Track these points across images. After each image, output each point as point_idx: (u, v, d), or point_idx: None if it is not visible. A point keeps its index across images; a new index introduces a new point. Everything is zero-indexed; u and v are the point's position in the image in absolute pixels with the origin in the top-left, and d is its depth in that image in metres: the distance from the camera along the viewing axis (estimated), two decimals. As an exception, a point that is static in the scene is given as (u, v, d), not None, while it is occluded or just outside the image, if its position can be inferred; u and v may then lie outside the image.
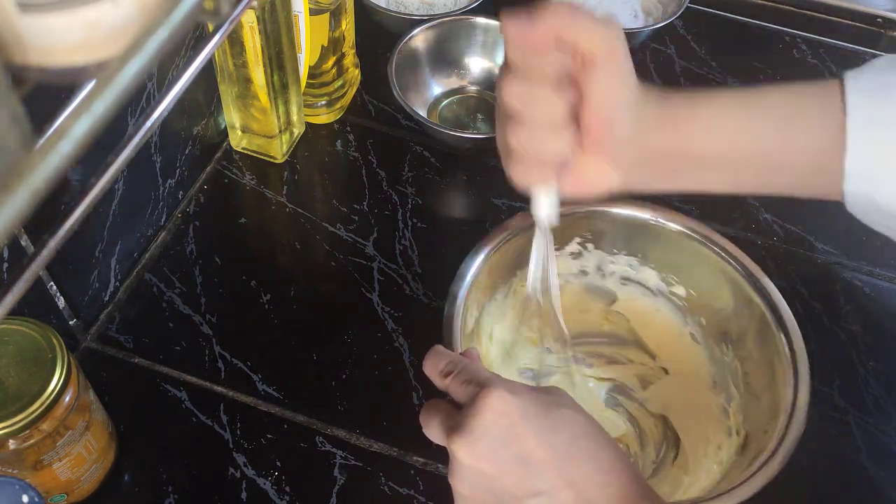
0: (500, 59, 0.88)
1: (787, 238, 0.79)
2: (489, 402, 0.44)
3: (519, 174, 0.50)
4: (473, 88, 0.89)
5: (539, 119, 0.46)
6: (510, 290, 0.69)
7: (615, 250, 0.69)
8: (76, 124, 0.22)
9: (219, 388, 0.68)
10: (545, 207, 0.52)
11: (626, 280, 0.70)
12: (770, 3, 1.00)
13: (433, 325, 0.72)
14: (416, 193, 0.81)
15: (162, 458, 0.65)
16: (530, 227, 0.58)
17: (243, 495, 0.63)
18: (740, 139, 0.51)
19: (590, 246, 0.69)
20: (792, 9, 1.00)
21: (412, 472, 0.65)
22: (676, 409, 0.67)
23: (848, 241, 0.80)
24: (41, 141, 0.23)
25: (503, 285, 0.68)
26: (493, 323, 0.68)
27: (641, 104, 0.48)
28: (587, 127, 0.46)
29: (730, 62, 0.94)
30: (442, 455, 0.65)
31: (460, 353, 0.51)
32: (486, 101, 0.89)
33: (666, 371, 0.69)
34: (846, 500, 0.66)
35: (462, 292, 0.62)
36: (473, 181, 0.83)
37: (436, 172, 0.83)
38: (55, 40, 0.23)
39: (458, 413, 0.46)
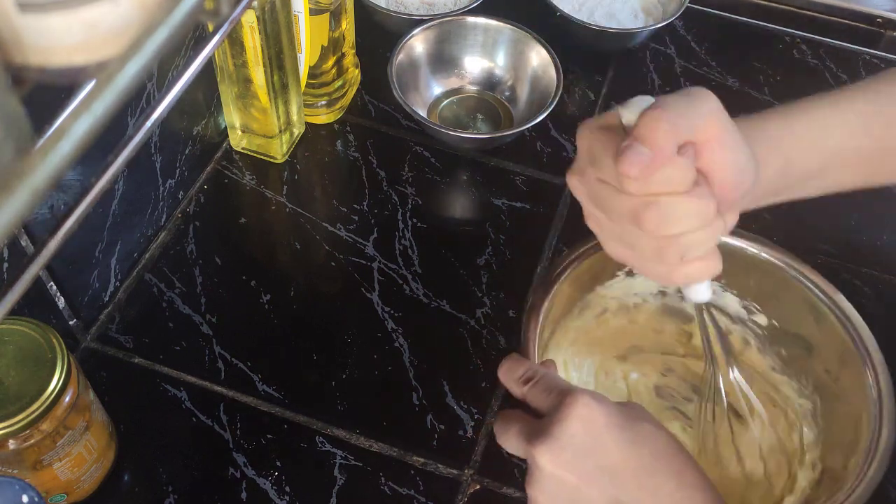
0: (499, 60, 0.88)
1: (787, 238, 0.79)
2: (576, 410, 0.43)
3: (681, 277, 0.46)
4: (473, 88, 0.89)
5: (695, 227, 0.44)
6: (587, 305, 0.67)
7: None
8: (76, 124, 0.22)
9: (219, 388, 0.68)
10: (704, 292, 0.49)
11: (705, 304, 0.70)
12: (770, 3, 1.00)
13: (433, 325, 0.72)
14: (416, 193, 0.81)
15: (162, 458, 0.65)
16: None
17: (243, 495, 0.63)
18: (840, 146, 0.51)
19: None
20: (792, 9, 1.00)
21: (412, 472, 0.65)
22: (752, 443, 0.65)
23: (848, 241, 0.80)
24: (41, 141, 0.23)
25: (581, 299, 0.67)
26: (568, 343, 0.67)
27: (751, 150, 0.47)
28: (721, 198, 0.45)
29: (730, 62, 0.93)
30: (441, 455, 0.66)
31: (539, 363, 0.50)
32: (485, 101, 0.89)
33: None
34: (846, 500, 0.66)
35: (544, 302, 0.61)
36: (473, 181, 0.83)
37: (436, 172, 0.83)
38: (55, 40, 0.23)
39: (536, 421, 0.45)
